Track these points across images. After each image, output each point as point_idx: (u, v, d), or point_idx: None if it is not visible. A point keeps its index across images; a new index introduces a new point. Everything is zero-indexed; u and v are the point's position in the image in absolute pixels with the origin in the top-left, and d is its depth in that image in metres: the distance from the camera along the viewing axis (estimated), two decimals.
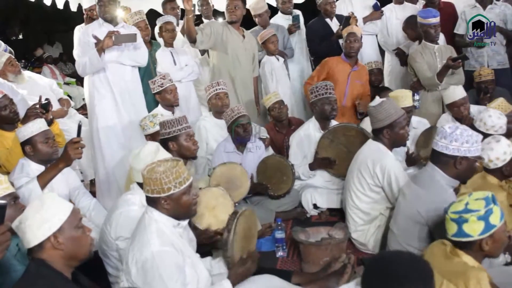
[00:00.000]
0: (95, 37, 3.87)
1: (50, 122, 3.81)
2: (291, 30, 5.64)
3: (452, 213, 2.05)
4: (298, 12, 5.76)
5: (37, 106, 3.74)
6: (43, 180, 2.84)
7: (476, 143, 2.52)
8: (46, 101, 3.83)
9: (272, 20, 5.71)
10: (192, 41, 4.59)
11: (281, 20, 5.79)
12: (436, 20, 4.58)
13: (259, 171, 3.98)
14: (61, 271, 1.84)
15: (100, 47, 3.84)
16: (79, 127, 2.87)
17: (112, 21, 3.99)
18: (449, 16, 5.28)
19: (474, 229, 2.00)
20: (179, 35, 5.38)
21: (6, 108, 3.52)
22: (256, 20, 5.56)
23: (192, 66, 4.99)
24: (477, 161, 2.60)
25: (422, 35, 4.72)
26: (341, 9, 5.89)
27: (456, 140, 2.50)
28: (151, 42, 4.88)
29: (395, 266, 1.62)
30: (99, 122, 4.06)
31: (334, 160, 3.95)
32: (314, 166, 4.06)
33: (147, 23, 4.84)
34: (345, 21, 5.29)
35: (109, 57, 3.95)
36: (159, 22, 4.98)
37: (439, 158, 2.60)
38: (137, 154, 2.78)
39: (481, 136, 2.57)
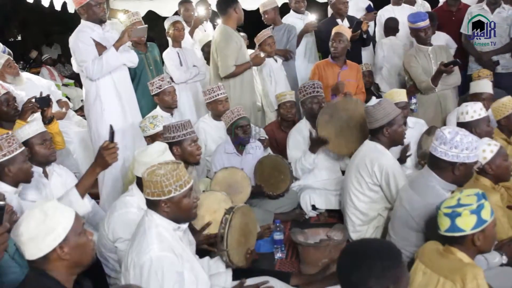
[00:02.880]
0: (95, 41, 3.85)
1: (50, 120, 3.80)
2: (307, 30, 5.64)
3: (445, 208, 2.08)
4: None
5: (33, 100, 3.73)
6: (83, 187, 2.70)
7: (475, 149, 2.50)
8: (45, 96, 3.81)
9: (283, 19, 5.73)
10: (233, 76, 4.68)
11: (293, 19, 5.80)
12: (425, 23, 4.57)
13: (257, 171, 3.98)
14: (62, 282, 1.77)
15: (119, 43, 3.86)
16: (113, 132, 2.74)
17: (105, 22, 3.99)
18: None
19: (467, 223, 2.03)
20: (188, 37, 5.44)
21: (9, 104, 3.52)
22: (264, 17, 5.56)
23: (199, 66, 5.01)
24: (474, 166, 2.60)
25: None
26: None
27: (456, 147, 2.47)
28: (146, 44, 4.89)
29: (363, 246, 1.69)
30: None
31: (326, 139, 3.90)
32: (313, 147, 4.03)
33: (143, 24, 4.86)
34: (356, 25, 5.32)
35: None
36: (167, 22, 5.03)
37: (437, 164, 2.58)
38: (145, 149, 2.78)
39: (480, 142, 2.55)
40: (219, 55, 4.68)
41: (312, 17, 5.82)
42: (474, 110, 3.41)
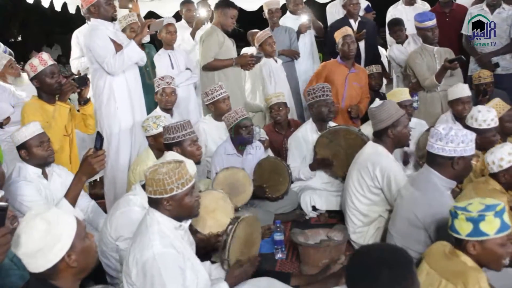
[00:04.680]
0: (110, 39, 3.86)
1: (86, 101, 3.82)
2: (301, 31, 5.66)
3: (454, 207, 2.08)
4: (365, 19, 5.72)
5: (72, 80, 3.71)
6: (72, 197, 2.74)
7: (471, 142, 2.53)
8: (83, 76, 3.81)
9: (280, 20, 5.75)
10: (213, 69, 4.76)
11: (290, 20, 5.80)
12: (432, 23, 4.62)
13: (256, 173, 3.97)
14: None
15: (139, 37, 3.89)
16: (102, 139, 2.69)
17: (115, 19, 4.01)
18: (460, 18, 5.29)
19: (462, 228, 2.01)
20: (190, 38, 5.43)
21: (53, 76, 3.50)
22: (272, 15, 5.58)
23: (193, 69, 5.00)
24: (472, 159, 2.60)
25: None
26: (333, 12, 5.93)
27: (452, 141, 2.50)
28: (143, 45, 4.88)
29: (372, 254, 1.65)
30: (122, 125, 4.01)
31: (332, 161, 3.95)
32: (313, 166, 4.07)
33: (140, 25, 4.85)
34: (359, 25, 5.41)
35: None
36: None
37: (435, 160, 2.59)
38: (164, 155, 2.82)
39: (475, 134, 2.57)
40: (201, 47, 4.83)
41: (304, 18, 5.81)
42: (484, 120, 3.40)
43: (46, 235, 1.65)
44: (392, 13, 5.89)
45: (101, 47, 3.81)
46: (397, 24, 5.41)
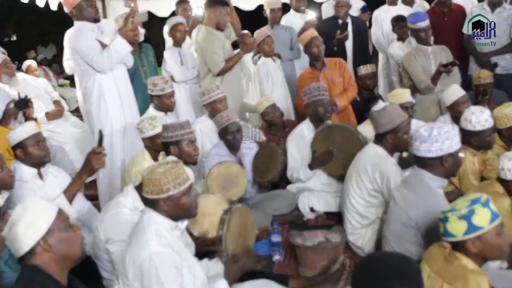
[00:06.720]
0: (99, 41, 3.84)
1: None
2: (307, 28, 5.64)
3: (441, 213, 2.07)
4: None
5: (11, 105, 3.71)
6: (70, 193, 2.84)
7: (455, 136, 2.51)
8: (23, 98, 3.78)
9: (284, 18, 5.76)
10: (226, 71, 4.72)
11: (294, 18, 5.80)
12: (425, 23, 4.62)
13: (256, 157, 4.04)
14: (55, 276, 1.80)
15: (124, 30, 3.85)
16: (101, 136, 2.73)
17: (99, 21, 3.99)
18: (458, 17, 5.30)
19: (457, 229, 1.99)
20: (186, 37, 5.45)
21: None
22: (272, 14, 5.57)
23: (198, 67, 5.04)
24: (459, 152, 2.57)
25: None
26: (328, 12, 5.93)
27: (436, 141, 2.47)
28: (140, 45, 4.87)
29: (382, 265, 1.63)
30: (114, 126, 3.99)
31: (332, 150, 3.88)
32: (313, 164, 4.03)
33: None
34: (342, 26, 5.44)
35: None
36: (169, 22, 5.07)
37: (424, 163, 2.56)
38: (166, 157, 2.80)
39: (457, 127, 2.56)
40: (205, 55, 4.77)
41: (312, 15, 5.81)
42: (478, 121, 3.35)
43: (21, 220, 1.78)
44: (377, 13, 5.91)
45: (87, 46, 3.79)
46: (402, 19, 5.37)
